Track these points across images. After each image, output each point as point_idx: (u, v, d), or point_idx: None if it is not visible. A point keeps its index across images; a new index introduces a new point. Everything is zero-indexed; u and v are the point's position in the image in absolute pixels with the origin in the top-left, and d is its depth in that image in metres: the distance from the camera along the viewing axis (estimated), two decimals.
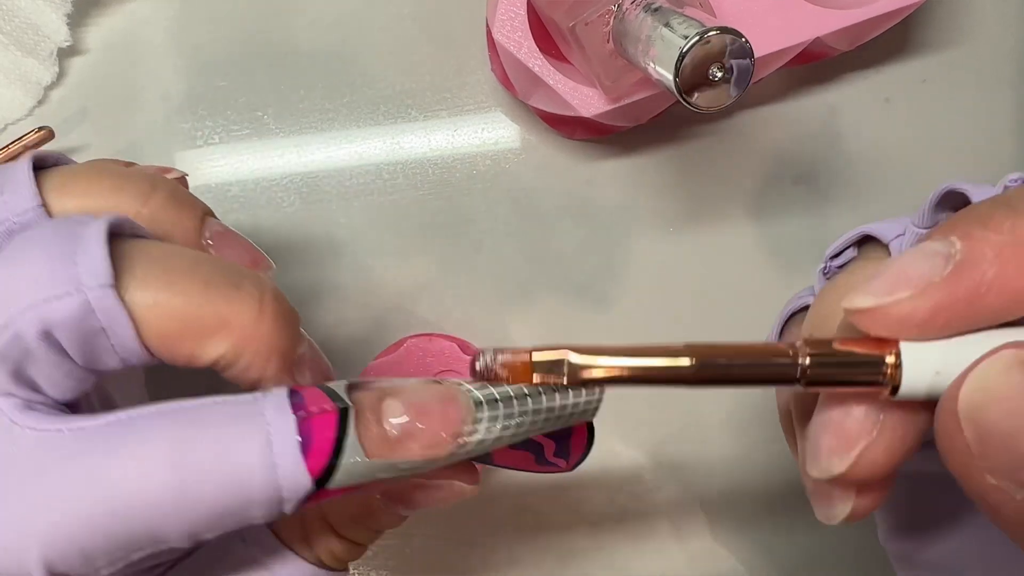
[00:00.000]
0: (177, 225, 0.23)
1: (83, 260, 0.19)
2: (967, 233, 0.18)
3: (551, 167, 0.38)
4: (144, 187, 0.23)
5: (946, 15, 0.38)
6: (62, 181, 0.22)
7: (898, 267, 0.18)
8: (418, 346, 0.34)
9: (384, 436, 0.19)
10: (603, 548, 0.40)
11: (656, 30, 0.26)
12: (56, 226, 0.20)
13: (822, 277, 0.27)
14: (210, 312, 0.20)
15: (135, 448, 0.18)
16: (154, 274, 0.19)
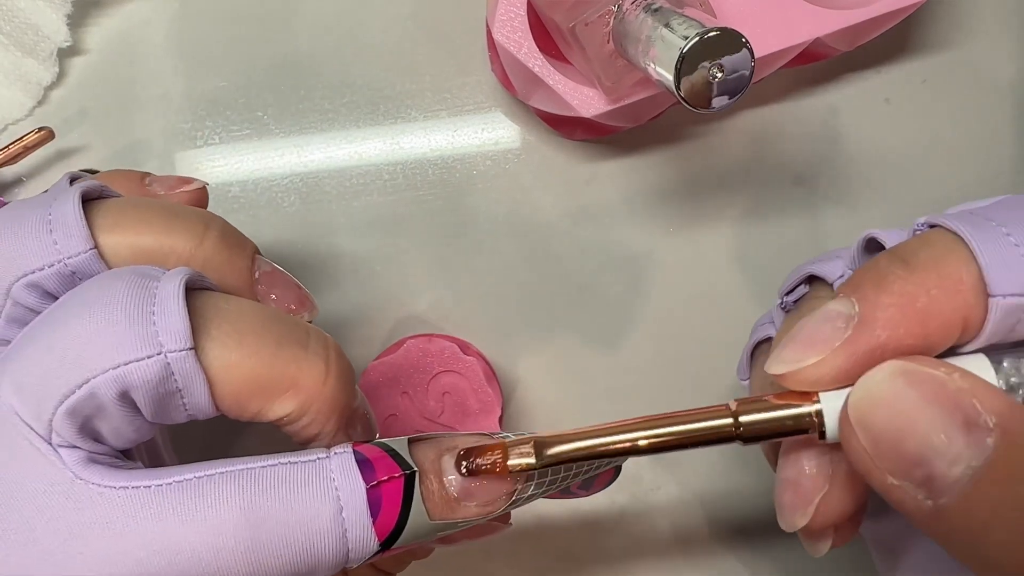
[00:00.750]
0: (230, 265, 0.23)
1: (163, 322, 0.19)
2: (863, 296, 0.20)
3: (551, 167, 0.38)
4: (197, 227, 0.23)
5: (946, 16, 0.38)
6: (113, 220, 0.22)
7: (806, 332, 0.21)
8: (418, 346, 0.34)
9: (446, 497, 0.21)
10: (603, 548, 0.40)
11: (656, 30, 0.26)
12: (128, 280, 0.20)
13: (780, 311, 0.29)
14: (281, 374, 0.20)
15: (207, 513, 0.18)
16: (230, 334, 0.20)
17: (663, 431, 0.20)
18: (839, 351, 0.20)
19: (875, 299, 0.20)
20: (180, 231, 0.22)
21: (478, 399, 0.34)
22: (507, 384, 0.38)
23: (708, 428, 0.20)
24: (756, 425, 0.20)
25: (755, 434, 0.20)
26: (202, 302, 0.20)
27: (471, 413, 0.34)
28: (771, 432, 0.20)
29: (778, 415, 0.20)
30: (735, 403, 0.20)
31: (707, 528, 0.40)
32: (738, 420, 0.20)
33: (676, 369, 0.39)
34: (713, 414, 0.20)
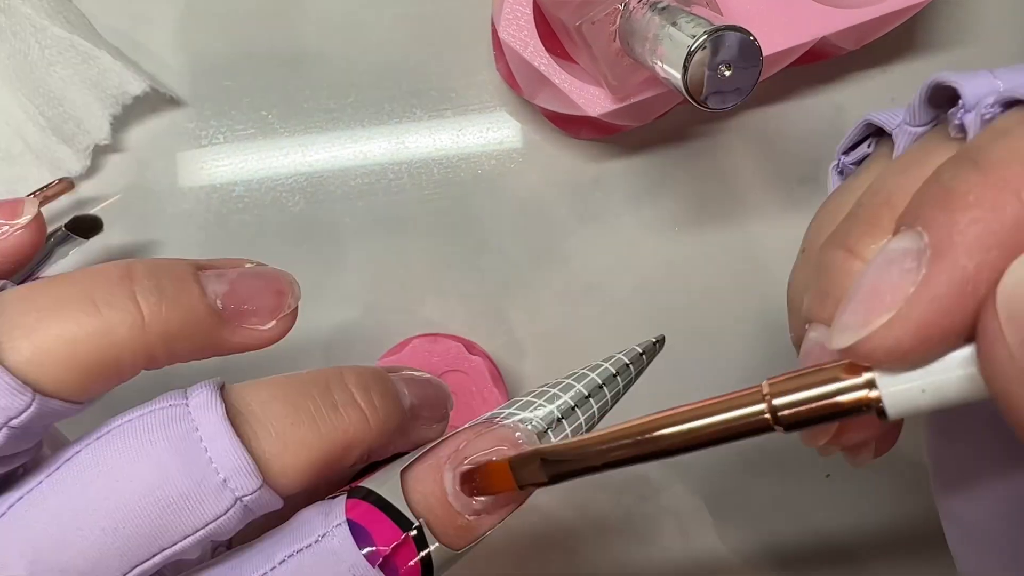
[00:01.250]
0: (189, 316, 0.19)
1: (226, 469, 0.18)
2: (929, 220, 0.15)
3: (556, 167, 0.38)
4: (123, 292, 0.18)
5: (952, 15, 0.38)
6: (30, 344, 0.18)
7: (868, 285, 0.16)
8: (423, 346, 0.34)
9: (462, 526, 0.19)
10: (609, 548, 0.40)
11: (663, 29, 0.26)
12: (163, 430, 0.18)
13: (836, 175, 0.25)
14: (331, 447, 0.19)
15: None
16: (275, 443, 0.19)
17: (686, 427, 0.17)
18: (916, 298, 0.15)
19: (947, 221, 0.15)
20: (109, 313, 0.18)
21: (483, 399, 0.34)
22: (512, 384, 0.38)
23: (738, 419, 0.17)
24: (795, 410, 0.16)
25: (795, 420, 0.16)
26: (235, 413, 0.19)
27: (476, 413, 0.34)
28: (815, 416, 0.16)
29: (821, 391, 0.16)
30: (767, 384, 0.17)
31: (713, 529, 0.40)
32: (772, 405, 0.16)
33: (684, 368, 0.39)
34: (743, 401, 0.17)
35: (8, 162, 0.35)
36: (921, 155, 0.20)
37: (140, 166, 0.37)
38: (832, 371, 0.16)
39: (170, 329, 0.18)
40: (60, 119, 0.35)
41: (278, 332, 0.21)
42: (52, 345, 0.17)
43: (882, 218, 0.19)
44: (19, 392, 0.17)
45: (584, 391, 0.21)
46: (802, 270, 0.23)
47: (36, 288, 0.18)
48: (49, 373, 0.17)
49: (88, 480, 0.18)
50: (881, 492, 0.40)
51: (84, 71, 0.35)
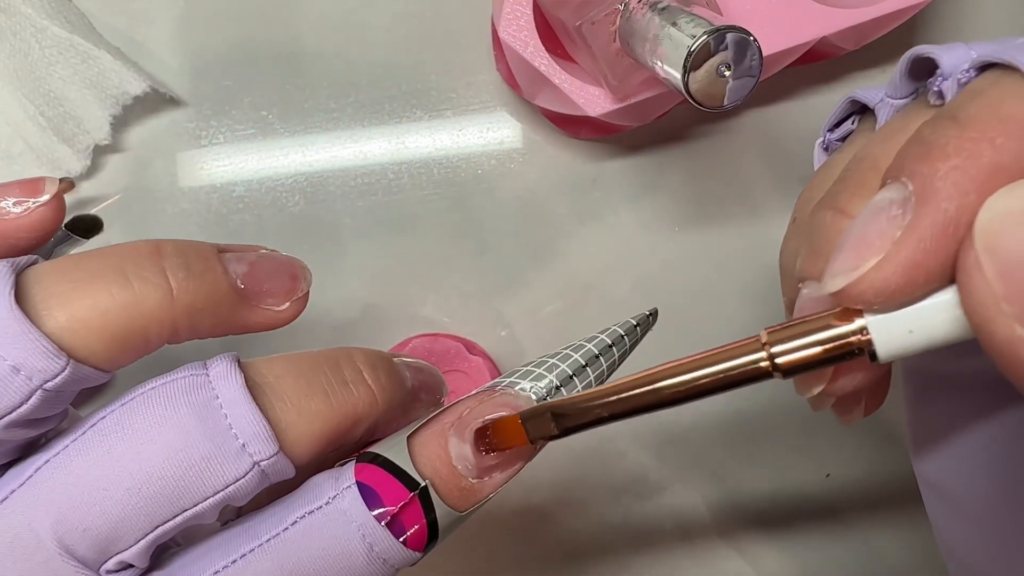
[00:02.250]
0: (213, 295, 0.20)
1: (246, 435, 0.19)
2: (912, 170, 0.16)
3: (556, 166, 0.38)
4: (154, 268, 0.19)
5: (951, 15, 0.38)
6: (67, 312, 0.19)
7: (857, 232, 0.17)
8: (423, 346, 0.34)
9: (466, 488, 0.20)
10: (608, 548, 0.40)
11: (663, 29, 0.26)
12: (186, 400, 0.19)
13: (821, 151, 0.26)
14: (342, 419, 0.20)
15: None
16: (288, 412, 0.20)
17: (688, 377, 0.18)
18: (902, 241, 0.16)
19: (929, 170, 0.16)
20: (140, 286, 0.19)
21: None
22: None
23: (738, 367, 0.17)
24: (793, 356, 0.17)
25: (793, 366, 0.17)
26: (253, 384, 0.20)
27: None
28: (811, 361, 0.17)
29: (816, 339, 0.17)
30: (766, 333, 0.17)
31: (713, 528, 0.40)
32: (771, 352, 0.17)
33: None
34: (742, 350, 0.18)
35: (8, 162, 0.35)
36: (903, 123, 0.21)
37: (140, 166, 0.37)
38: (826, 319, 0.17)
39: (195, 303, 0.20)
40: (60, 119, 0.35)
41: (291, 313, 0.22)
42: (86, 314, 0.18)
43: (869, 180, 0.20)
44: (55, 356, 0.18)
45: (581, 360, 0.22)
46: (793, 238, 0.24)
47: (70, 260, 0.19)
48: (82, 340, 0.18)
49: (113, 443, 0.19)
50: (881, 490, 0.40)
51: (84, 71, 0.35)
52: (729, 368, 0.17)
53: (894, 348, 0.17)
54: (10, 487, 0.19)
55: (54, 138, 0.35)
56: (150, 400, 0.19)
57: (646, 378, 0.18)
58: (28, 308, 0.18)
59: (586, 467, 0.39)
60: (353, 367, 0.21)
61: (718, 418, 0.39)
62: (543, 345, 0.38)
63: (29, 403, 0.18)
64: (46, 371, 0.18)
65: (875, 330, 0.16)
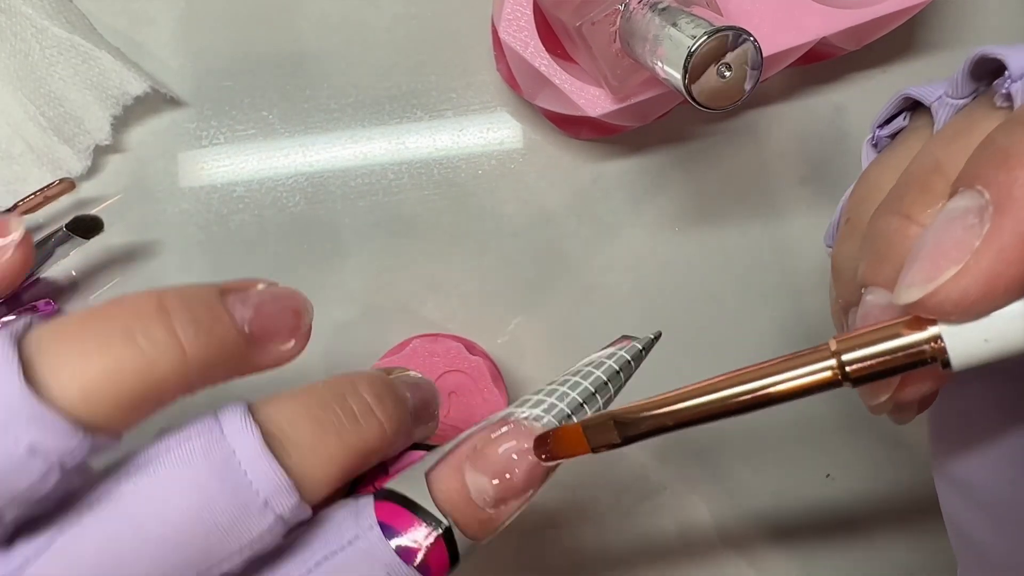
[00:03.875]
0: (220, 347, 0.20)
1: (268, 493, 0.19)
2: (988, 179, 0.16)
3: (556, 167, 0.38)
4: (161, 325, 0.19)
5: (952, 15, 0.38)
6: (79, 384, 0.18)
7: (932, 242, 0.16)
8: (423, 346, 0.34)
9: (485, 519, 0.20)
10: (609, 548, 0.40)
11: (664, 29, 0.26)
12: (203, 457, 0.18)
13: (871, 148, 0.25)
14: (356, 459, 0.20)
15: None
16: (306, 457, 0.20)
17: (755, 385, 0.18)
18: (982, 251, 0.15)
19: (1007, 178, 0.15)
20: (151, 349, 0.18)
21: (484, 399, 0.34)
22: (513, 384, 0.38)
23: (807, 375, 0.17)
24: (863, 364, 0.17)
25: (863, 374, 0.17)
26: (272, 439, 0.20)
27: (477, 412, 0.34)
28: (882, 370, 0.17)
29: (888, 347, 0.16)
30: (835, 342, 0.17)
31: (713, 528, 0.40)
32: (841, 360, 0.17)
33: (683, 368, 0.39)
34: (811, 359, 0.17)
35: (9, 162, 0.35)
36: (967, 124, 0.21)
37: (141, 166, 0.37)
38: (896, 327, 0.17)
39: (208, 359, 0.19)
40: (61, 119, 0.35)
41: (297, 350, 0.22)
42: (99, 385, 0.18)
43: (934, 184, 0.20)
44: (72, 433, 0.17)
45: (591, 388, 0.22)
46: (849, 240, 0.24)
47: (73, 323, 0.18)
48: (97, 412, 0.18)
49: (134, 511, 0.18)
50: (882, 490, 0.40)
51: (85, 71, 0.35)
52: (797, 376, 0.17)
53: (969, 357, 0.16)
54: (24, 555, 0.18)
55: (55, 138, 0.35)
56: (167, 462, 0.19)
57: (711, 386, 0.18)
58: (37, 382, 0.17)
59: (586, 467, 0.39)
60: (360, 400, 0.21)
61: None
62: (543, 345, 0.38)
63: (47, 482, 0.17)
64: (64, 449, 0.17)
65: (949, 338, 0.16)
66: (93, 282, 0.37)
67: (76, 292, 0.37)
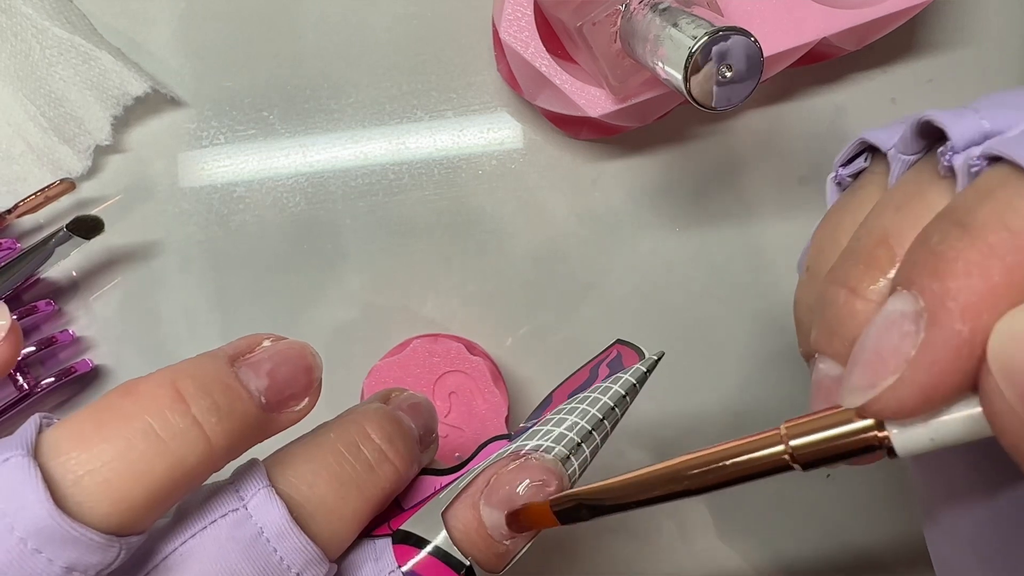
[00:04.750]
0: (242, 423, 0.19)
1: (300, 567, 0.19)
2: (922, 286, 0.16)
3: (557, 167, 0.38)
4: (183, 415, 0.18)
5: (953, 15, 0.38)
6: (106, 494, 0.17)
7: (871, 347, 0.16)
8: (424, 346, 0.34)
9: (502, 552, 0.21)
10: (609, 547, 0.40)
11: (664, 30, 0.26)
12: (232, 541, 0.19)
13: (834, 187, 0.25)
14: (376, 507, 0.21)
15: None
16: (329, 521, 0.20)
17: (709, 469, 0.18)
18: (917, 363, 0.16)
19: (939, 287, 0.15)
20: (177, 445, 0.18)
21: (484, 399, 0.34)
22: (513, 384, 0.38)
23: (759, 460, 0.18)
24: (812, 450, 0.17)
25: (812, 459, 0.18)
26: (294, 505, 0.20)
27: (477, 413, 0.34)
28: (830, 455, 0.17)
29: (835, 433, 0.17)
30: (785, 427, 0.18)
31: (713, 528, 0.40)
32: (790, 445, 0.18)
33: (683, 368, 0.39)
34: (763, 443, 0.18)
35: (9, 162, 0.35)
36: (915, 190, 0.21)
37: (141, 166, 0.37)
38: (845, 413, 0.17)
39: (232, 441, 0.19)
40: (61, 120, 0.35)
41: (311, 406, 0.22)
42: (129, 491, 0.17)
43: (879, 259, 0.20)
44: (109, 546, 0.17)
45: (599, 415, 0.23)
46: (807, 290, 0.24)
47: (88, 428, 0.18)
48: (129, 517, 0.18)
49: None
50: (883, 489, 0.40)
51: (85, 72, 0.35)
52: (749, 461, 0.18)
53: (912, 447, 0.17)
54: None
55: (55, 139, 0.35)
56: (196, 551, 0.18)
57: (670, 470, 0.19)
58: (64, 499, 0.17)
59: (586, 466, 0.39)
60: (373, 446, 0.21)
61: (717, 419, 0.39)
62: (544, 345, 0.38)
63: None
64: (101, 562, 0.17)
65: (895, 431, 0.17)
66: (93, 282, 0.37)
67: (76, 292, 0.37)
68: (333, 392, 0.26)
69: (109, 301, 0.37)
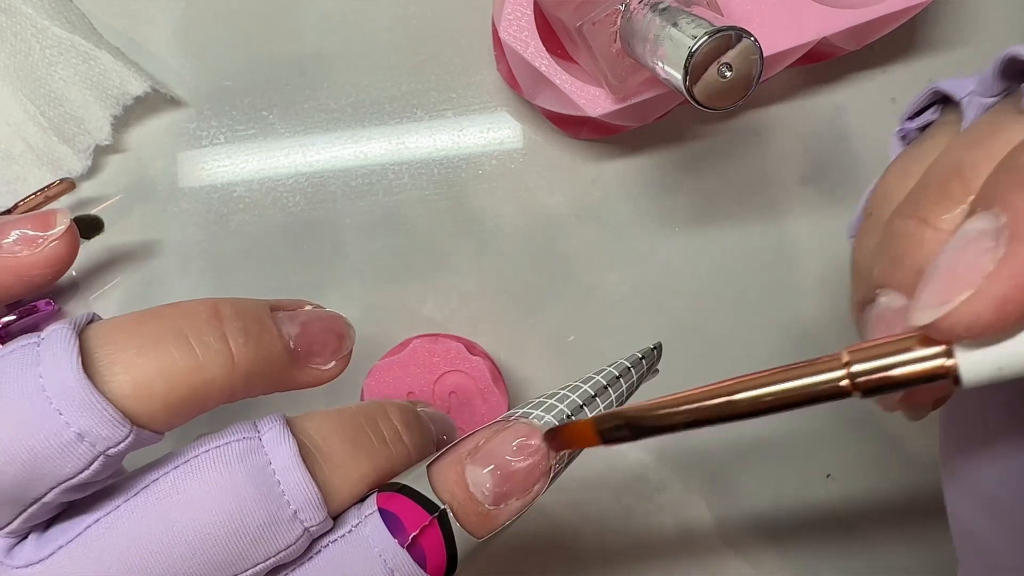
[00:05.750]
0: (268, 360, 0.20)
1: (298, 505, 0.19)
2: (1006, 201, 0.15)
3: (556, 167, 0.38)
4: (214, 333, 0.19)
5: (953, 15, 0.38)
6: (131, 378, 0.18)
7: (946, 264, 0.16)
8: (424, 346, 0.34)
9: (484, 513, 0.21)
10: (609, 548, 0.40)
11: (664, 30, 0.26)
12: (240, 463, 0.19)
13: (899, 141, 0.25)
14: (382, 479, 0.21)
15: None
16: (336, 473, 0.20)
17: (765, 390, 0.18)
18: (995, 276, 0.15)
19: (1021, 202, 0.15)
20: (203, 352, 0.19)
21: (484, 399, 0.34)
22: (513, 384, 0.38)
23: (817, 384, 0.17)
24: (874, 377, 0.17)
25: (873, 386, 0.17)
26: (305, 449, 0.20)
27: (477, 413, 0.34)
28: (892, 383, 0.17)
29: (900, 359, 0.16)
30: (847, 353, 0.17)
31: (713, 527, 0.40)
32: (851, 371, 0.17)
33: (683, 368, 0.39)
34: (822, 367, 0.17)
35: (9, 162, 0.35)
36: (991, 128, 0.20)
37: (141, 166, 0.37)
38: (908, 340, 0.17)
39: (253, 368, 0.20)
40: (61, 119, 0.35)
41: (336, 371, 0.23)
42: (151, 381, 0.18)
43: (953, 189, 0.20)
44: (120, 424, 0.18)
45: (591, 391, 0.22)
46: (869, 235, 0.24)
47: (131, 321, 0.19)
48: (146, 407, 0.18)
49: (168, 507, 0.19)
50: (883, 488, 0.40)
51: (85, 71, 0.35)
52: (808, 385, 0.17)
53: (980, 377, 0.16)
54: (57, 543, 0.19)
55: (55, 138, 0.35)
56: (205, 464, 0.19)
57: (722, 389, 0.18)
58: (93, 373, 0.18)
59: (586, 467, 0.39)
60: (390, 425, 0.22)
61: None
62: (544, 345, 0.38)
63: (91, 469, 0.18)
64: (111, 439, 0.18)
65: (961, 356, 0.16)
66: (93, 282, 0.37)
67: (76, 292, 0.37)
68: (333, 392, 0.26)
69: (109, 301, 0.37)
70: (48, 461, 0.18)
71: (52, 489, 0.18)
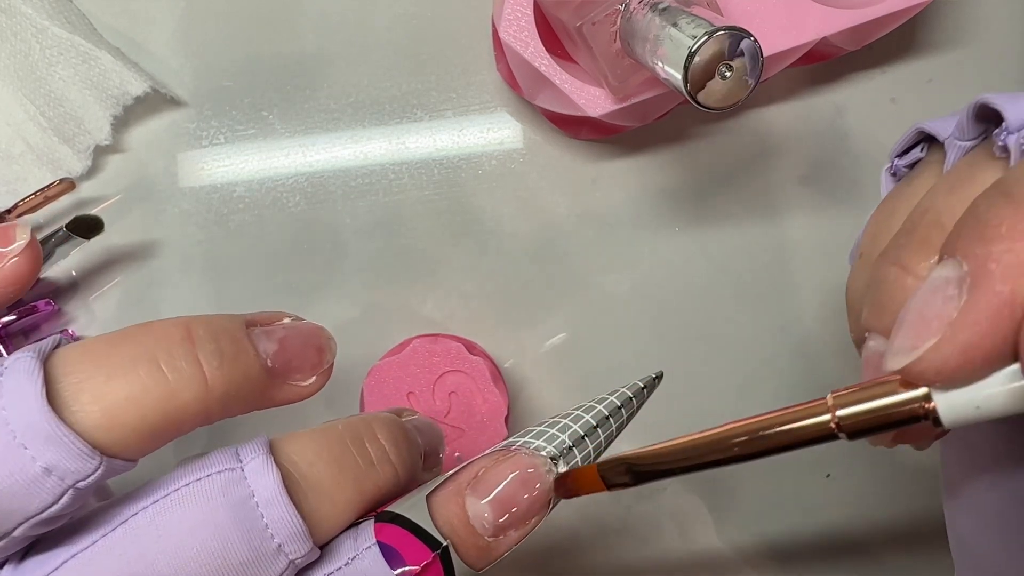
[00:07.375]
0: (245, 381, 0.20)
1: (283, 539, 0.19)
2: (967, 251, 0.16)
3: (556, 167, 0.38)
4: (185, 358, 0.19)
5: (952, 15, 0.38)
6: (100, 408, 0.18)
7: (915, 310, 0.17)
8: (424, 346, 0.34)
9: (483, 546, 0.21)
10: (608, 547, 0.40)
11: (664, 30, 0.26)
12: (222, 497, 0.18)
13: (889, 178, 0.26)
14: (370, 502, 0.21)
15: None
16: (322, 503, 0.20)
17: (755, 437, 0.19)
18: (958, 323, 0.16)
19: (982, 250, 0.16)
20: (175, 377, 0.18)
21: (484, 399, 0.34)
22: (513, 384, 0.38)
23: (805, 428, 0.18)
24: (858, 419, 0.18)
25: (858, 428, 0.18)
26: (288, 477, 0.20)
27: (477, 413, 0.34)
28: (876, 424, 0.18)
29: (881, 403, 0.17)
30: (831, 397, 0.18)
31: (713, 528, 0.40)
32: (837, 415, 0.18)
33: (683, 368, 0.39)
34: (810, 412, 0.18)
35: (9, 162, 0.35)
36: (968, 173, 0.21)
37: (141, 166, 0.37)
38: (891, 384, 0.17)
39: (229, 391, 0.19)
40: (61, 119, 0.35)
41: (317, 386, 0.22)
42: (121, 409, 0.18)
43: (932, 238, 0.20)
44: (90, 457, 0.17)
45: (592, 422, 0.23)
46: (859, 275, 0.25)
47: (100, 344, 0.19)
48: (117, 436, 0.18)
49: (147, 544, 0.18)
50: (882, 489, 0.40)
51: (85, 72, 0.35)
52: (796, 429, 0.18)
53: (958, 417, 0.17)
54: (33, 574, 0.18)
55: (55, 138, 0.35)
56: (186, 499, 0.18)
57: (716, 436, 0.20)
58: (59, 402, 0.17)
59: None
60: (377, 445, 0.21)
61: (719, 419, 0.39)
62: (543, 345, 0.38)
63: (60, 503, 0.17)
64: (80, 472, 0.17)
65: (940, 398, 0.17)
66: (93, 282, 0.37)
67: (76, 292, 0.37)
68: (333, 392, 0.26)
69: (109, 301, 0.37)
70: (15, 497, 0.17)
71: (20, 524, 0.18)
